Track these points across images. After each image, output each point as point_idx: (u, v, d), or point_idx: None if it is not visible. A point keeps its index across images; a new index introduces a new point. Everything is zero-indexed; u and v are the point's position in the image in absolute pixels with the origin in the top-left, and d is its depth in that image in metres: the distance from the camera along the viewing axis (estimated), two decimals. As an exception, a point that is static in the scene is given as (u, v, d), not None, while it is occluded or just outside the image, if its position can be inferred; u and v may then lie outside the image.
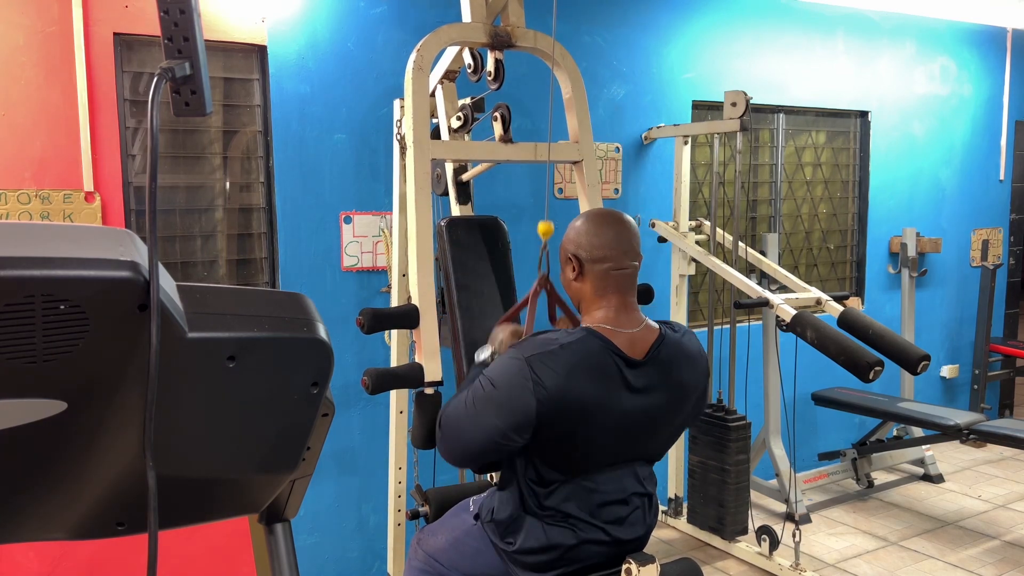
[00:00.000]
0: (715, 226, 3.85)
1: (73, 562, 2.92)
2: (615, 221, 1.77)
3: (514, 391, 1.62)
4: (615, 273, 1.73)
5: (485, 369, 1.72)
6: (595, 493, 1.76)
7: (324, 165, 3.25)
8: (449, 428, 1.74)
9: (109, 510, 0.92)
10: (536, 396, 1.60)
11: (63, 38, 2.75)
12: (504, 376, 1.64)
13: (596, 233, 1.74)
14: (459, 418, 1.71)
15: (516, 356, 1.65)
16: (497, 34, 2.24)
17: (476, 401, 1.67)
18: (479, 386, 1.68)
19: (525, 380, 1.61)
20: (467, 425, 1.69)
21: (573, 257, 1.76)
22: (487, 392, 1.66)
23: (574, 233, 1.78)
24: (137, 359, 0.76)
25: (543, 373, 1.61)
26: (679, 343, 1.78)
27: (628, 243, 1.75)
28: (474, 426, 1.68)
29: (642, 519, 1.84)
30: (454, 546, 1.91)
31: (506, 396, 1.63)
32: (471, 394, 1.69)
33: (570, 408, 1.64)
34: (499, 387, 1.64)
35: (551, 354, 1.63)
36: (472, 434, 1.69)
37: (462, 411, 1.71)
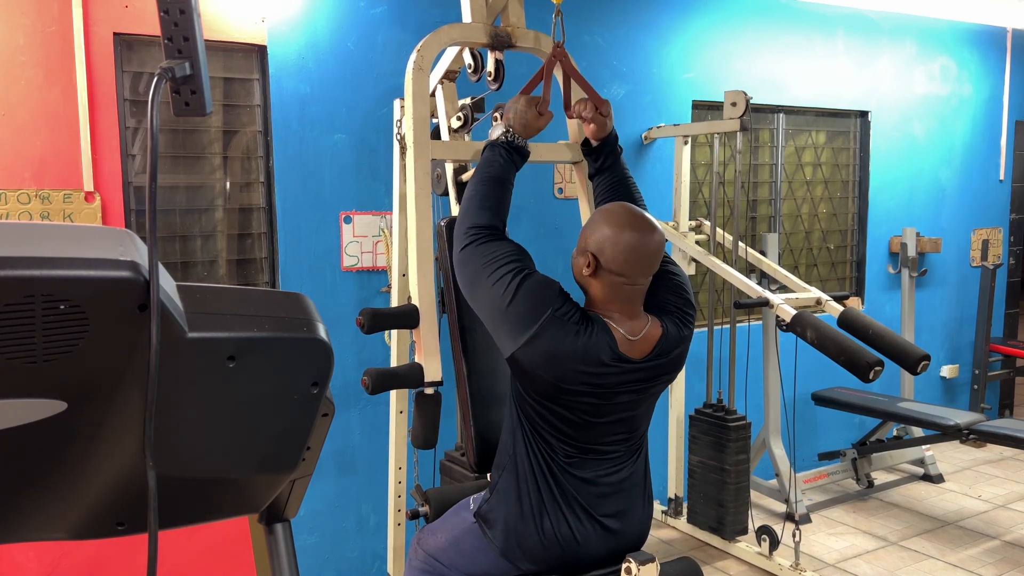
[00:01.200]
0: (715, 226, 3.85)
1: (73, 562, 2.91)
2: (642, 234, 1.68)
3: (520, 317, 1.63)
4: (627, 288, 1.71)
5: (529, 274, 1.68)
6: (592, 485, 1.77)
7: (324, 165, 3.25)
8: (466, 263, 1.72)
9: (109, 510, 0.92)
10: (526, 342, 1.63)
11: (63, 38, 2.75)
12: (525, 299, 1.64)
13: (621, 246, 1.67)
14: (477, 271, 1.70)
15: (548, 300, 1.64)
16: (497, 34, 2.24)
17: (494, 283, 1.66)
18: (508, 277, 1.66)
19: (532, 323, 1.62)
20: (476, 282, 1.69)
21: (592, 255, 1.71)
22: (505, 289, 1.65)
23: (599, 234, 1.70)
24: (137, 359, 0.76)
25: (546, 337, 1.63)
26: (679, 337, 1.79)
27: (650, 262, 1.71)
28: (478, 289, 1.69)
29: (640, 511, 1.85)
30: (454, 545, 1.91)
31: (511, 312, 1.64)
32: (498, 270, 1.67)
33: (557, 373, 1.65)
34: (516, 302, 1.64)
35: (566, 326, 1.64)
36: (472, 290, 1.71)
37: (481, 268, 1.69)
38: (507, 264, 1.68)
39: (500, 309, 1.66)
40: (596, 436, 1.76)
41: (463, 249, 1.74)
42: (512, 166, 1.85)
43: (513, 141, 1.85)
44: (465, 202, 1.80)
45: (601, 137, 2.02)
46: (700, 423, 3.74)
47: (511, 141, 1.85)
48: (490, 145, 1.87)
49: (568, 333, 1.64)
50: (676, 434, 4.02)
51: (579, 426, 1.74)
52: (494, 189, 1.80)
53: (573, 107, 2.03)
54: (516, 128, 1.86)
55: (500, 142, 1.85)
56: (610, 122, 2.02)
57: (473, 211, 1.77)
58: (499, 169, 1.82)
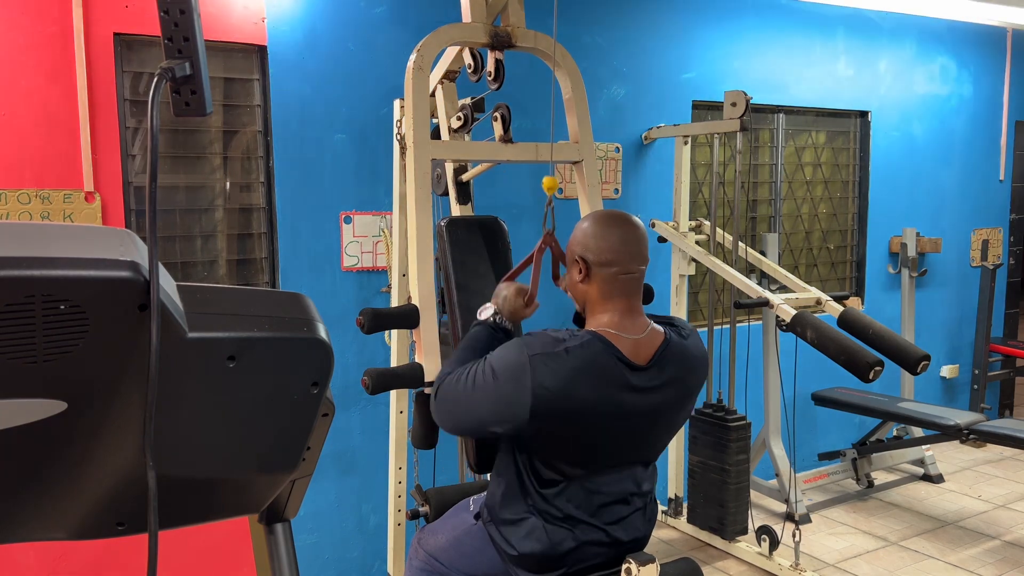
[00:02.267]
0: (715, 226, 3.85)
1: (73, 562, 2.92)
2: (624, 224, 1.74)
3: (513, 387, 1.63)
4: (622, 278, 1.72)
5: (491, 354, 1.72)
6: (596, 494, 1.76)
7: (324, 165, 3.25)
8: (444, 401, 1.77)
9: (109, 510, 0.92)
10: (534, 395, 1.61)
11: (63, 38, 2.75)
12: (506, 370, 1.65)
13: (604, 236, 1.72)
14: (457, 394, 1.73)
15: (521, 352, 1.65)
16: (497, 34, 2.24)
17: (476, 387, 1.69)
18: (481, 372, 1.69)
19: (525, 379, 1.61)
20: (463, 403, 1.72)
21: (580, 259, 1.73)
22: (487, 381, 1.67)
23: (581, 235, 1.76)
24: (137, 359, 0.76)
25: (544, 375, 1.61)
26: (683, 347, 1.77)
27: (636, 247, 1.73)
28: (468, 409, 1.72)
29: (642, 519, 1.85)
30: (454, 545, 1.91)
31: (505, 390, 1.64)
32: (472, 377, 1.70)
33: (569, 411, 1.64)
34: (500, 379, 1.65)
35: (556, 356, 1.63)
36: (465, 416, 1.74)
37: (460, 390, 1.72)
38: (470, 368, 1.73)
39: (496, 394, 1.66)
40: (602, 451, 1.75)
41: (437, 390, 1.80)
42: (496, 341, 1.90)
43: (501, 324, 1.93)
44: (445, 365, 1.86)
45: None
46: (700, 423, 3.74)
47: (498, 324, 1.92)
48: (479, 323, 1.94)
49: (559, 359, 1.63)
50: (676, 434, 4.02)
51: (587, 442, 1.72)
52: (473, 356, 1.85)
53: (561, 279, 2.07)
54: (504, 314, 1.92)
55: (488, 323, 1.92)
56: None
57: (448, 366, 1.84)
58: (483, 344, 1.88)
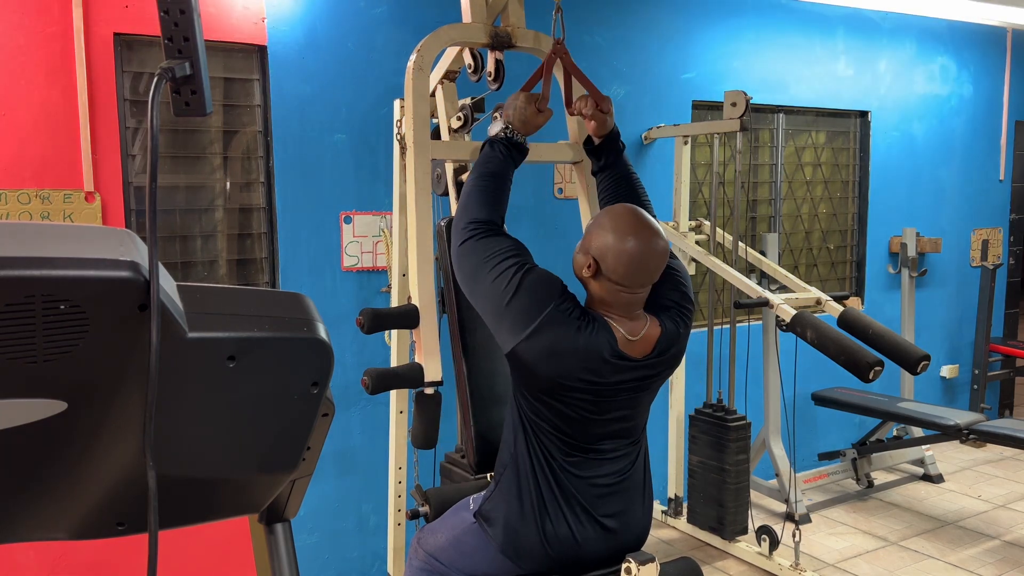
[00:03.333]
0: (715, 226, 3.85)
1: (73, 562, 2.91)
2: (646, 245, 1.65)
3: (521, 311, 1.63)
4: (626, 295, 1.71)
5: (531, 268, 1.68)
6: (592, 485, 1.77)
7: (324, 165, 3.25)
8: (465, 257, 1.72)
9: (109, 510, 0.92)
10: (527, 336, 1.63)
11: (63, 38, 2.75)
12: (528, 294, 1.64)
13: (621, 254, 1.66)
14: (478, 265, 1.70)
15: (551, 296, 1.65)
16: (497, 34, 2.24)
17: (496, 277, 1.66)
18: (510, 271, 1.66)
19: (533, 318, 1.63)
20: (476, 276, 1.69)
21: (593, 259, 1.70)
22: (507, 283, 1.65)
23: (602, 241, 1.68)
24: (137, 359, 0.76)
25: (553, 326, 1.63)
26: (676, 335, 1.79)
27: (651, 275, 1.70)
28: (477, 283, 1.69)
29: (640, 512, 1.85)
30: (454, 545, 1.91)
31: (512, 306, 1.64)
32: (500, 263, 1.67)
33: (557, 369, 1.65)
34: (518, 295, 1.64)
35: (568, 323, 1.64)
36: (471, 284, 1.71)
37: (482, 263, 1.69)
38: (507, 259, 1.68)
39: (501, 304, 1.66)
40: (595, 434, 1.77)
41: (462, 244, 1.74)
42: (511, 162, 1.85)
43: (512, 137, 1.86)
44: (463, 197, 1.80)
45: (603, 134, 2.02)
46: (700, 423, 3.74)
47: (510, 137, 1.85)
48: (489, 141, 1.87)
49: (570, 329, 1.64)
50: (676, 434, 4.02)
51: (578, 424, 1.74)
52: (493, 184, 1.80)
53: (574, 104, 2.03)
54: (515, 125, 1.86)
55: (499, 138, 1.85)
56: (611, 118, 2.01)
57: (472, 206, 1.77)
58: (498, 165, 1.82)
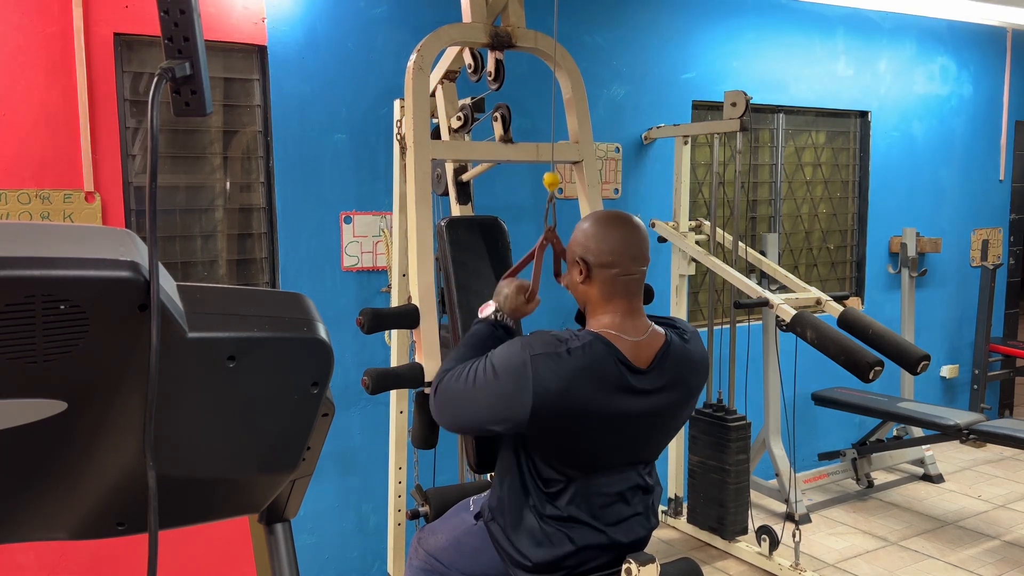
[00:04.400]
0: (715, 226, 3.85)
1: (73, 562, 2.91)
2: (624, 224, 1.74)
3: (514, 386, 1.62)
4: (623, 279, 1.71)
5: (492, 352, 1.71)
6: (597, 496, 1.76)
7: (324, 165, 3.25)
8: (444, 398, 1.76)
9: (109, 510, 0.92)
10: (535, 395, 1.61)
11: (63, 38, 2.75)
12: (507, 369, 1.65)
13: (604, 238, 1.72)
14: (457, 391, 1.73)
15: (523, 352, 1.65)
16: (497, 34, 2.24)
17: (477, 384, 1.68)
18: (482, 370, 1.68)
19: (526, 379, 1.61)
20: (463, 401, 1.72)
21: (581, 260, 1.73)
22: (488, 379, 1.66)
23: (582, 236, 1.75)
24: (137, 359, 0.76)
25: (546, 375, 1.61)
26: (684, 350, 1.77)
27: (637, 248, 1.73)
28: (467, 406, 1.72)
29: (644, 522, 1.85)
30: (454, 545, 1.91)
31: (505, 389, 1.64)
32: (473, 374, 1.70)
33: (570, 412, 1.64)
34: (501, 378, 1.65)
35: (557, 356, 1.63)
36: (464, 413, 1.74)
37: (460, 387, 1.72)
38: (472, 365, 1.73)
39: (497, 392, 1.66)
40: (603, 452, 1.74)
41: (436, 388, 1.79)
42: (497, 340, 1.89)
43: (502, 322, 1.92)
44: (445, 362, 1.85)
45: None
46: (700, 423, 3.74)
47: (500, 321, 1.91)
48: (480, 321, 1.92)
49: (561, 359, 1.63)
50: (676, 434, 4.02)
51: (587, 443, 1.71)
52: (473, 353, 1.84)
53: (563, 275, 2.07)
54: (506, 311, 1.91)
55: (489, 321, 1.91)
56: None
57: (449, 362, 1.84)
58: (484, 342, 1.87)
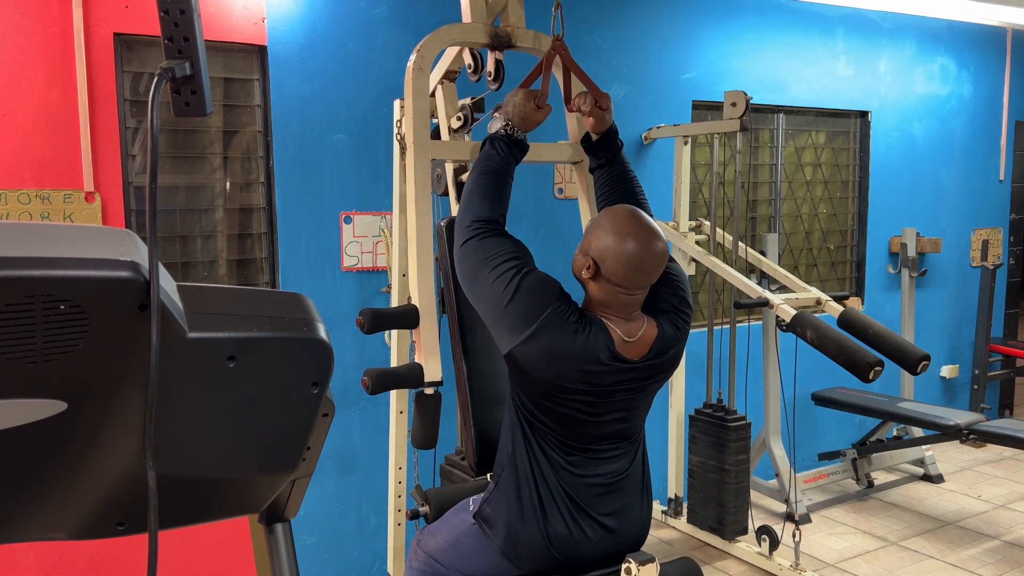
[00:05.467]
0: (715, 226, 3.85)
1: (73, 562, 2.91)
2: (645, 247, 1.66)
3: (519, 315, 1.64)
4: (625, 297, 1.72)
5: (528, 273, 1.68)
6: (591, 485, 1.78)
7: (324, 165, 3.25)
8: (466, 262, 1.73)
9: (109, 510, 0.92)
10: (536, 330, 1.63)
11: (63, 38, 2.75)
12: (530, 294, 1.65)
13: (620, 255, 1.66)
14: (478, 267, 1.70)
15: (550, 295, 1.65)
16: (497, 34, 2.24)
17: (496, 279, 1.67)
18: (510, 274, 1.66)
19: (538, 313, 1.63)
20: (480, 282, 1.69)
21: (593, 261, 1.71)
22: (508, 286, 1.65)
23: (602, 242, 1.69)
24: (137, 359, 0.76)
25: (552, 329, 1.63)
26: (675, 335, 1.79)
27: (650, 277, 1.71)
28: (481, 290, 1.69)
29: (638, 511, 1.85)
30: (454, 546, 1.91)
31: (511, 309, 1.64)
32: (499, 268, 1.67)
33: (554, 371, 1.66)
34: (519, 293, 1.64)
35: (566, 326, 1.65)
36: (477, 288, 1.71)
37: (484, 268, 1.69)
38: (508, 261, 1.68)
39: (500, 306, 1.66)
40: (593, 435, 1.77)
41: (464, 244, 1.75)
42: (512, 159, 1.85)
43: (512, 134, 1.85)
44: (466, 195, 1.80)
45: (601, 131, 2.02)
46: (700, 423, 3.74)
47: (510, 134, 1.85)
48: (489, 139, 1.87)
49: (567, 332, 1.64)
50: (676, 434, 4.02)
51: (576, 424, 1.74)
52: (494, 182, 1.79)
53: (573, 100, 2.03)
54: (515, 121, 1.86)
55: (499, 135, 1.85)
56: (609, 115, 2.01)
57: (474, 204, 1.77)
58: (498, 162, 1.82)
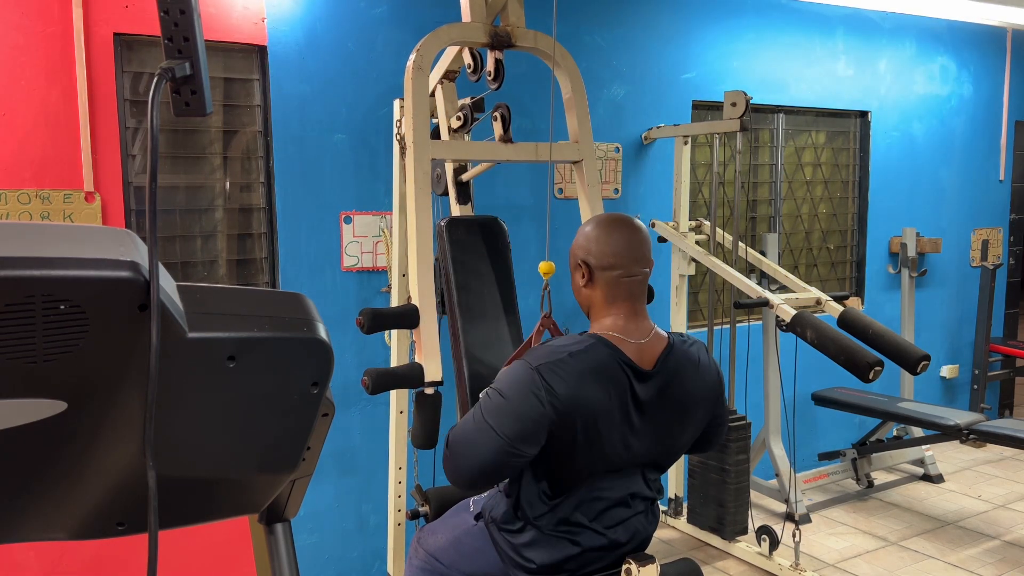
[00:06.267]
0: (715, 226, 3.85)
1: (73, 562, 2.91)
2: (625, 227, 1.73)
3: (526, 400, 1.59)
4: (625, 280, 1.71)
5: (492, 382, 1.68)
6: (599, 500, 1.75)
7: (324, 165, 3.25)
8: (457, 445, 1.67)
9: (109, 510, 0.92)
10: (549, 404, 1.58)
11: (63, 38, 2.75)
12: (514, 386, 1.61)
13: (606, 240, 1.70)
14: (467, 433, 1.65)
15: (526, 365, 1.62)
16: (497, 34, 2.24)
17: (486, 413, 1.63)
18: (487, 398, 1.64)
19: (536, 389, 1.58)
20: (477, 439, 1.62)
21: (583, 263, 1.72)
22: (496, 403, 1.62)
23: (583, 239, 1.74)
24: (137, 359, 0.76)
25: (553, 381, 1.59)
26: (686, 352, 1.77)
27: (639, 250, 1.72)
28: (485, 438, 1.61)
29: (644, 524, 1.84)
30: (454, 545, 1.91)
31: (517, 405, 1.59)
32: (479, 409, 1.65)
33: (581, 414, 1.62)
34: (509, 397, 1.60)
35: (561, 362, 1.62)
36: (483, 448, 1.61)
37: (471, 426, 1.64)
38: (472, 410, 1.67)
39: (513, 414, 1.60)
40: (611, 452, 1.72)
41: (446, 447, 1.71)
42: None
43: None
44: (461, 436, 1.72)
45: None
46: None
47: None
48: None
49: (565, 364, 1.62)
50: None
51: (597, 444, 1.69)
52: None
53: None
54: None
55: None
56: None
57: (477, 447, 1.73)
58: None
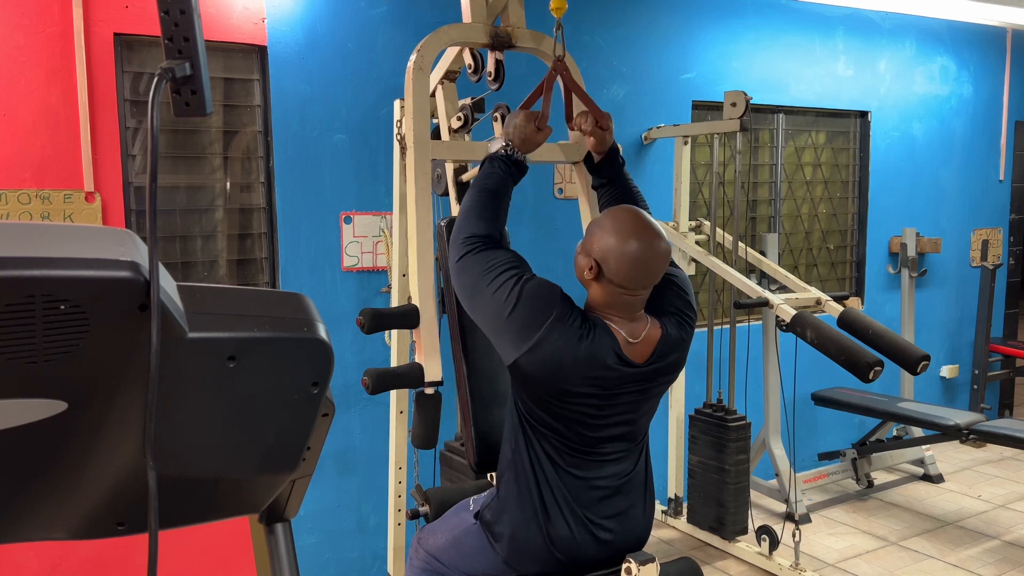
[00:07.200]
0: (715, 226, 3.85)
1: (73, 562, 2.92)
2: (648, 248, 1.66)
3: (530, 317, 1.64)
4: (628, 297, 1.72)
5: (529, 280, 1.69)
6: (594, 488, 1.77)
7: (324, 165, 3.25)
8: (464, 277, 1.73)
9: (109, 510, 0.92)
10: (540, 338, 1.63)
11: (63, 38, 2.75)
12: (533, 301, 1.65)
13: (622, 257, 1.66)
14: (476, 281, 1.70)
15: (552, 300, 1.66)
16: (497, 34, 2.24)
17: (496, 290, 1.67)
18: (509, 284, 1.67)
19: (542, 320, 1.64)
20: (480, 295, 1.69)
21: (595, 262, 1.70)
22: (510, 296, 1.65)
23: (604, 242, 1.69)
24: (137, 359, 0.76)
25: (556, 333, 1.64)
26: (680, 337, 1.79)
27: (653, 277, 1.71)
28: (482, 303, 1.69)
29: (641, 513, 1.85)
30: (454, 545, 1.91)
31: (514, 320, 1.65)
32: (498, 279, 1.68)
33: (561, 378, 1.66)
34: (521, 302, 1.65)
35: (571, 331, 1.65)
36: (478, 302, 1.70)
37: (483, 282, 1.69)
38: (507, 271, 1.69)
39: (502, 317, 1.66)
40: (597, 438, 1.76)
41: (460, 259, 1.75)
42: (510, 179, 1.86)
43: (512, 155, 1.86)
44: (462, 213, 1.81)
45: (602, 151, 2.02)
46: (700, 423, 3.74)
47: (510, 155, 1.86)
48: (489, 158, 1.87)
49: (572, 338, 1.64)
50: (676, 434, 4.02)
51: (581, 428, 1.74)
52: (491, 200, 1.80)
53: (574, 120, 2.04)
54: (515, 142, 1.87)
55: (499, 155, 1.86)
56: (610, 135, 2.02)
57: (471, 221, 1.78)
58: (497, 181, 1.83)
